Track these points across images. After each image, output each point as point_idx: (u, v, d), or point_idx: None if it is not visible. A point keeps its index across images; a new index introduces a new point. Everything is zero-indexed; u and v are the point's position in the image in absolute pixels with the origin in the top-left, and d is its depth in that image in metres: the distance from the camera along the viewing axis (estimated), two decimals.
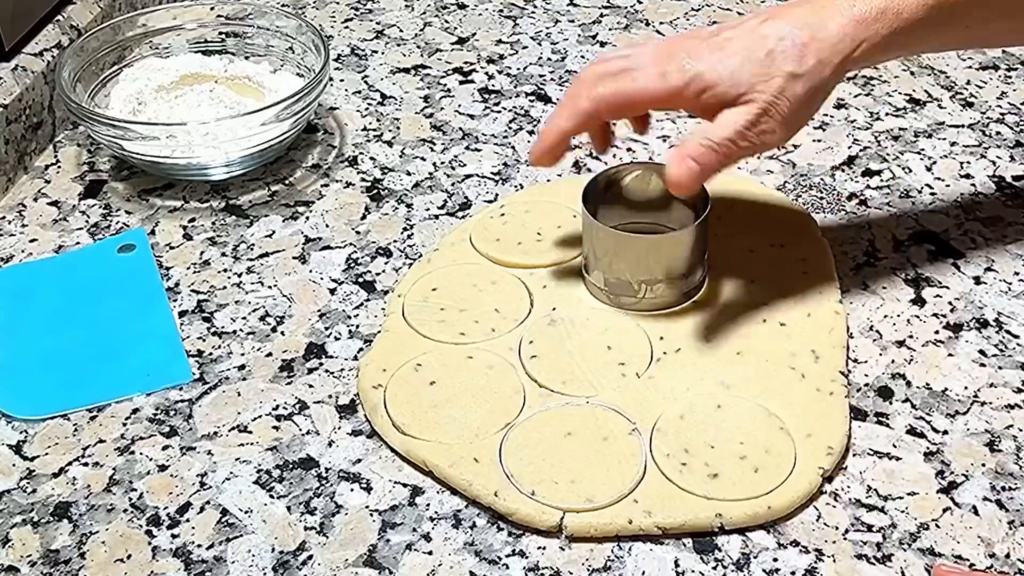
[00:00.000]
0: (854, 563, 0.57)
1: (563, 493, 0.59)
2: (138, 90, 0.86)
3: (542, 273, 0.73)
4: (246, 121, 0.79)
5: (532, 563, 0.57)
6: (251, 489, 0.61)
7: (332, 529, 0.59)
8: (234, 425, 0.65)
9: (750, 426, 0.62)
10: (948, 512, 0.59)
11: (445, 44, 1.01)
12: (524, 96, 0.93)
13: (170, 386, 0.67)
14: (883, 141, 0.87)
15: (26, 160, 0.86)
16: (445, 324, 0.69)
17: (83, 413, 0.66)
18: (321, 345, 0.70)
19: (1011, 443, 0.63)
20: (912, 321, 0.71)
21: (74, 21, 0.93)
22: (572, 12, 1.06)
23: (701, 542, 0.58)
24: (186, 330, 0.71)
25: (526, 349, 0.67)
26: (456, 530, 0.59)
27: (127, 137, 0.79)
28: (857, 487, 0.61)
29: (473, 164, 0.86)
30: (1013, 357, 0.68)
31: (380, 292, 0.74)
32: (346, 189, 0.83)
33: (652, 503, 0.59)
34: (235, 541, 0.58)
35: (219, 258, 0.77)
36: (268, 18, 0.92)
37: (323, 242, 0.78)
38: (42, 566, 0.57)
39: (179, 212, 0.81)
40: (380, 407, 0.64)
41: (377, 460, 0.63)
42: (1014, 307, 0.72)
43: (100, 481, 0.62)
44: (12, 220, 0.81)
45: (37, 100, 0.86)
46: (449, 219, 0.80)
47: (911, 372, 0.67)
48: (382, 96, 0.94)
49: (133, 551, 0.58)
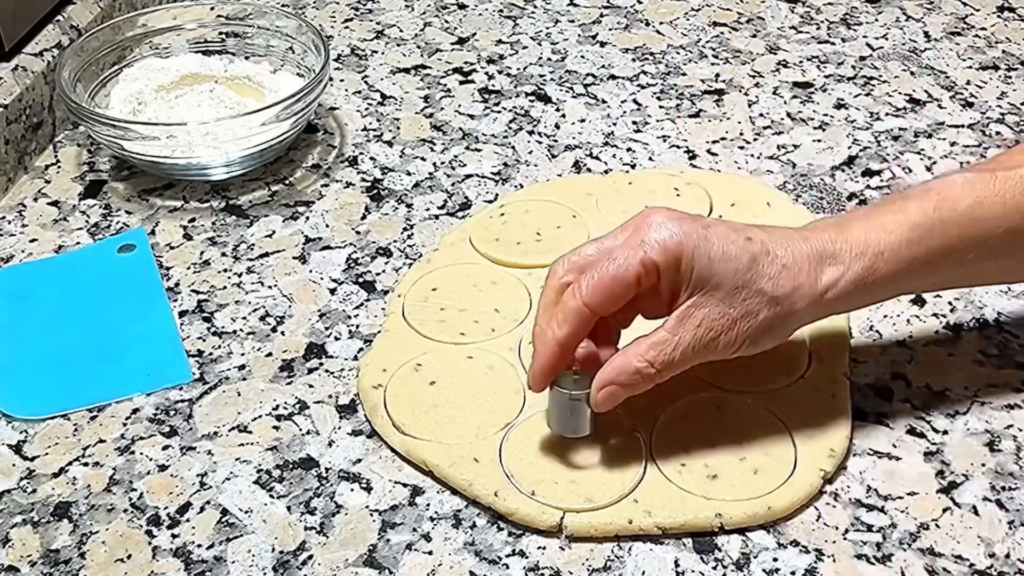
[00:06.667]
0: (854, 563, 0.57)
1: (563, 493, 0.59)
2: (138, 90, 0.86)
3: (541, 273, 0.73)
4: (246, 121, 0.79)
5: (532, 563, 0.57)
6: (251, 489, 0.61)
7: (332, 529, 0.59)
8: (234, 425, 0.65)
9: (750, 427, 0.62)
10: (948, 512, 0.59)
11: (445, 44, 1.01)
12: (524, 96, 0.93)
13: (170, 386, 0.67)
14: (883, 141, 0.87)
15: (26, 160, 0.86)
16: (445, 324, 0.69)
17: (83, 413, 0.66)
18: (321, 345, 0.70)
19: (1011, 443, 0.63)
20: (912, 321, 0.71)
21: (74, 21, 0.93)
22: (572, 12, 1.06)
23: (701, 542, 0.58)
24: (186, 330, 0.71)
25: (526, 349, 0.67)
26: (456, 530, 0.59)
27: (127, 137, 0.79)
28: (857, 487, 0.61)
29: (473, 164, 0.86)
30: (1013, 357, 0.68)
31: (380, 292, 0.74)
32: (346, 189, 0.83)
33: (652, 503, 0.59)
34: (235, 541, 0.58)
35: (219, 258, 0.77)
36: (268, 18, 0.92)
37: (323, 242, 0.78)
38: (42, 566, 0.57)
39: (179, 212, 0.81)
40: (380, 407, 0.64)
41: (377, 460, 0.63)
42: (1014, 307, 0.72)
43: (100, 481, 0.62)
44: (12, 220, 0.81)
45: (37, 100, 0.86)
46: (449, 219, 0.80)
47: (911, 372, 0.67)
48: (382, 96, 0.94)
49: (133, 551, 0.58)
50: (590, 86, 0.95)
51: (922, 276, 0.60)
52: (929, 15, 1.05)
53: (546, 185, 0.83)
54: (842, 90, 0.94)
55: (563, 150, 0.87)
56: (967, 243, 0.59)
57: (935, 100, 0.92)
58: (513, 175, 0.84)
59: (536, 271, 0.73)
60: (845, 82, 0.95)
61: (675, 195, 0.80)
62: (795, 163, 0.85)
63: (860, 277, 0.58)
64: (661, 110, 0.91)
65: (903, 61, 0.97)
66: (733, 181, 0.82)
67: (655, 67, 0.97)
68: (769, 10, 1.06)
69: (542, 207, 0.79)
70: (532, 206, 0.79)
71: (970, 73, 0.95)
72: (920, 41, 1.00)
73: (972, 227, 0.59)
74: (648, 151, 0.87)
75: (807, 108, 0.91)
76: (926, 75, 0.95)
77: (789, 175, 0.84)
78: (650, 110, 0.91)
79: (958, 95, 0.93)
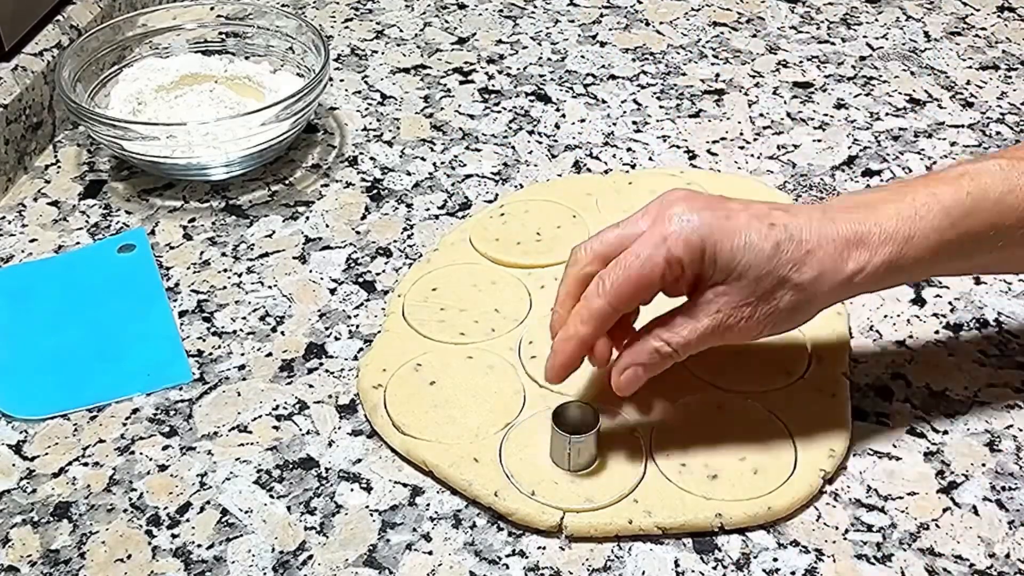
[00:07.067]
0: (854, 563, 0.57)
1: (563, 493, 0.59)
2: (138, 90, 0.86)
3: (542, 273, 0.73)
4: (246, 121, 0.79)
5: (532, 563, 0.57)
6: (251, 489, 0.61)
7: (332, 529, 0.59)
8: (234, 425, 0.65)
9: (750, 427, 0.62)
10: (948, 512, 0.59)
11: (445, 44, 1.01)
12: (524, 96, 0.93)
13: (170, 386, 0.67)
14: (883, 141, 0.87)
15: (26, 160, 0.86)
16: (445, 324, 0.69)
17: (83, 413, 0.66)
18: (321, 345, 0.70)
19: (1011, 443, 0.63)
20: (912, 321, 0.71)
21: (74, 21, 0.93)
22: (572, 12, 1.06)
23: (701, 542, 0.58)
24: (186, 330, 0.71)
25: (526, 349, 0.67)
26: (456, 530, 0.59)
27: (127, 137, 0.79)
28: (857, 487, 0.61)
29: (473, 164, 0.86)
30: (1013, 357, 0.68)
31: (380, 292, 0.74)
32: (346, 189, 0.83)
33: (652, 503, 0.59)
34: (235, 541, 0.58)
35: (219, 258, 0.77)
36: (268, 18, 0.92)
37: (323, 242, 0.78)
38: (42, 566, 0.57)
39: (179, 212, 0.81)
40: (380, 407, 0.64)
41: (377, 460, 0.63)
42: (1014, 307, 0.72)
43: (100, 481, 0.62)
44: (12, 220, 0.81)
45: (37, 100, 0.86)
46: (449, 219, 0.80)
47: (911, 372, 0.67)
48: (382, 96, 0.94)
49: (133, 551, 0.58)
50: (590, 86, 0.95)
51: (950, 261, 0.59)
52: (929, 15, 1.05)
53: (546, 185, 0.83)
54: (842, 90, 0.94)
55: (563, 150, 0.87)
56: (999, 231, 0.58)
57: (935, 100, 0.92)
58: (513, 175, 0.84)
59: (536, 271, 0.73)
60: (845, 82, 0.95)
61: None
62: (795, 163, 0.85)
63: (888, 262, 0.57)
64: (661, 110, 0.91)
65: (903, 61, 0.97)
66: (733, 181, 0.82)
67: (655, 67, 0.97)
68: (769, 10, 1.06)
69: (542, 207, 0.79)
70: (532, 206, 0.79)
71: (970, 73, 0.95)
72: (920, 41, 1.00)
73: (1004, 216, 0.58)
74: (648, 151, 0.87)
75: (807, 108, 0.92)
76: (926, 75, 0.95)
77: (789, 175, 0.84)
78: (650, 110, 0.91)
79: (958, 95, 0.93)
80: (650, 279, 0.56)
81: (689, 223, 0.56)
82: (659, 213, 0.57)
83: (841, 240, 0.57)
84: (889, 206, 0.58)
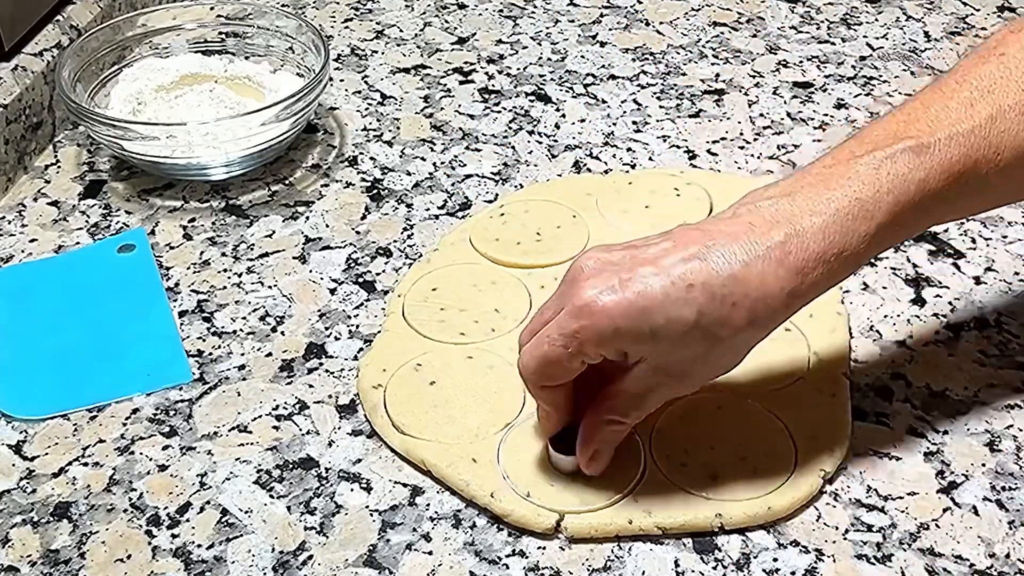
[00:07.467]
0: (854, 563, 0.57)
1: (560, 495, 0.59)
2: (138, 90, 0.86)
3: (541, 273, 0.73)
4: (246, 121, 0.80)
5: (532, 563, 0.57)
6: (251, 489, 0.61)
7: (332, 529, 0.59)
8: (234, 425, 0.65)
9: (750, 427, 0.62)
10: (948, 512, 0.59)
11: (445, 44, 1.01)
12: (524, 96, 0.93)
13: (170, 386, 0.67)
14: None
15: (26, 160, 0.86)
16: (445, 324, 0.69)
17: (83, 413, 0.66)
18: (321, 345, 0.70)
19: (1011, 443, 0.63)
20: (912, 321, 0.71)
21: (74, 21, 0.93)
22: (572, 12, 1.06)
23: (701, 542, 0.58)
24: (186, 330, 0.71)
25: None
26: (456, 530, 0.59)
27: (127, 137, 0.79)
28: (857, 487, 0.61)
29: (473, 164, 0.86)
30: (1013, 357, 0.68)
31: (380, 292, 0.74)
32: (346, 189, 0.83)
33: (652, 503, 0.59)
34: (235, 541, 0.58)
35: (219, 258, 0.77)
36: (268, 18, 0.92)
37: (323, 242, 0.78)
38: (42, 566, 0.57)
39: (179, 212, 0.81)
40: (380, 407, 0.64)
41: (377, 460, 0.63)
42: (1014, 307, 0.72)
43: (100, 481, 0.62)
44: (12, 220, 0.81)
45: (37, 100, 0.86)
46: (449, 219, 0.80)
47: (911, 372, 0.67)
48: (382, 96, 0.94)
49: (133, 551, 0.58)
50: (590, 86, 0.95)
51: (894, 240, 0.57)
52: (929, 15, 1.05)
53: (546, 185, 0.83)
54: (842, 90, 0.94)
55: (563, 150, 0.87)
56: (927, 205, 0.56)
57: None
58: (513, 175, 0.84)
59: (536, 271, 0.73)
60: (845, 82, 0.95)
61: (675, 195, 0.80)
62: (795, 163, 0.85)
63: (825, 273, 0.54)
64: (661, 110, 0.91)
65: (903, 61, 0.97)
66: (733, 181, 0.82)
67: (655, 67, 0.97)
68: (769, 10, 1.06)
69: (542, 207, 0.79)
70: (532, 206, 0.79)
71: None
72: (920, 41, 1.00)
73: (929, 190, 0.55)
74: (648, 151, 0.87)
75: (807, 108, 0.91)
76: (926, 75, 0.95)
77: (789, 175, 0.84)
78: (650, 110, 0.91)
79: None
80: (567, 370, 0.55)
81: (598, 306, 0.53)
82: (569, 293, 0.54)
83: (772, 262, 0.53)
84: (816, 218, 0.54)
